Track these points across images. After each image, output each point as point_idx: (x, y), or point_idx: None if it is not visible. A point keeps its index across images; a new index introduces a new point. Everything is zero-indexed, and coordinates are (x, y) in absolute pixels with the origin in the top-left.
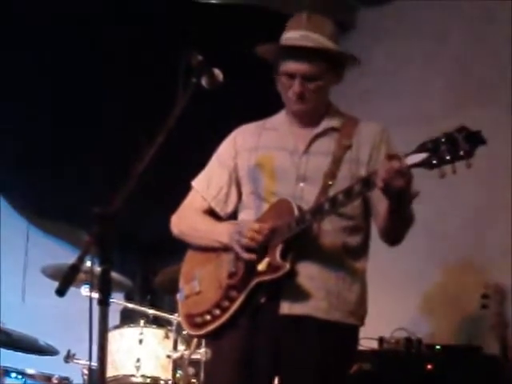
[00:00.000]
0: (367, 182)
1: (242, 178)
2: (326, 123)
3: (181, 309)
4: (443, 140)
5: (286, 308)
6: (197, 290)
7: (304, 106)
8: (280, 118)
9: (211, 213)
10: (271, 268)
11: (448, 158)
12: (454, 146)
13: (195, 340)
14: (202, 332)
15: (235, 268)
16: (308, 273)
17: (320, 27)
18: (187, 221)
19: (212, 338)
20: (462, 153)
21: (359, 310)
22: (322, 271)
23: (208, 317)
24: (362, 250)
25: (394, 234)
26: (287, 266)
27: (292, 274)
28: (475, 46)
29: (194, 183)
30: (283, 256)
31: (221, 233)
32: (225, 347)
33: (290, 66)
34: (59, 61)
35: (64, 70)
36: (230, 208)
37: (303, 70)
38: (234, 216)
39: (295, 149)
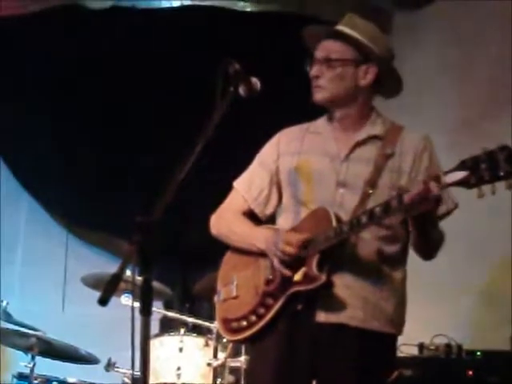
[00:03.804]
0: (400, 200)
1: (283, 182)
2: (368, 130)
3: (218, 312)
4: (484, 159)
5: (323, 316)
6: (234, 295)
7: (319, 95)
8: (323, 122)
9: (251, 214)
10: (307, 278)
11: (487, 178)
12: (495, 166)
13: (230, 345)
14: (238, 337)
15: (272, 275)
16: (344, 282)
17: (358, 27)
18: (225, 222)
19: (249, 344)
20: (502, 173)
21: (397, 320)
22: (358, 280)
23: (244, 323)
24: (399, 259)
25: (423, 251)
26: (323, 277)
27: (328, 285)
28: None
29: (236, 183)
30: (320, 266)
31: (258, 238)
32: (262, 354)
33: (315, 52)
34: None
35: (108, 82)
36: (269, 210)
37: (325, 50)
38: (273, 218)
39: (337, 154)
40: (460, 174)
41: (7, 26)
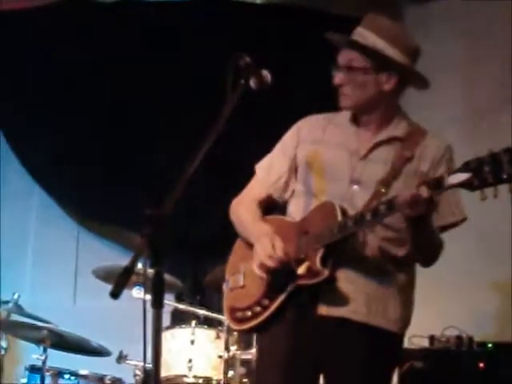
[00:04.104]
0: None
1: (299, 169)
2: (390, 130)
3: (225, 300)
4: (487, 161)
5: (324, 310)
6: (241, 284)
7: (345, 103)
8: (347, 116)
9: (271, 200)
10: (310, 273)
11: (490, 180)
12: (498, 169)
13: (236, 334)
14: (243, 327)
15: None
16: (348, 277)
17: (379, 28)
18: (238, 208)
19: (254, 334)
20: (505, 176)
21: (401, 320)
22: (362, 277)
23: (249, 313)
24: (406, 262)
25: (418, 256)
26: (326, 272)
27: (331, 280)
28: None
29: (257, 167)
30: (323, 261)
31: (253, 232)
32: (267, 345)
33: (338, 57)
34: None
35: (118, 72)
36: (288, 195)
37: (345, 59)
38: None
39: (356, 151)
40: (463, 176)
41: (10, 20)
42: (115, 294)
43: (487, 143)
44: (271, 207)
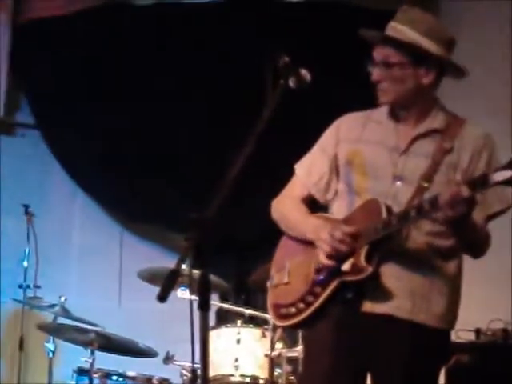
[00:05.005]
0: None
1: (340, 168)
2: (429, 123)
3: (269, 297)
4: None
5: (369, 306)
6: (285, 281)
7: (384, 99)
8: (385, 112)
9: (311, 199)
10: (355, 269)
11: None
12: None
13: (279, 330)
14: (286, 323)
15: (321, 265)
16: (393, 273)
17: (412, 21)
18: (283, 208)
19: (298, 330)
20: None
21: (448, 315)
22: (407, 272)
23: (293, 309)
24: (453, 254)
25: (466, 252)
26: (370, 269)
27: (375, 276)
28: None
29: (297, 168)
30: (369, 257)
31: (308, 228)
32: (313, 341)
33: (373, 53)
34: None
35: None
36: (330, 196)
37: (381, 55)
38: None
39: (396, 146)
40: (508, 173)
41: (48, 27)
42: (162, 298)
43: None
44: (311, 207)
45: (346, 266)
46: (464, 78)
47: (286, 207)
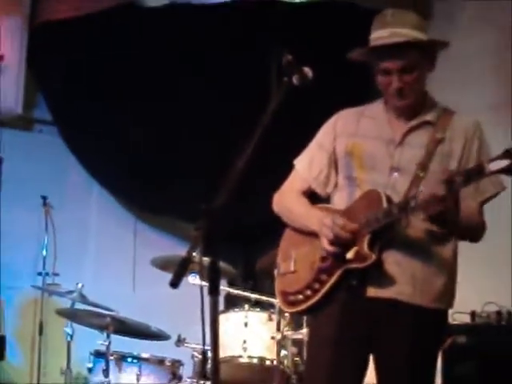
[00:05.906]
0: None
1: (339, 162)
2: (422, 115)
3: (277, 284)
4: None
5: (372, 291)
6: (292, 269)
7: (406, 101)
8: (378, 107)
9: (311, 193)
10: (359, 257)
11: None
12: None
13: (288, 316)
14: (295, 310)
15: (326, 253)
16: (394, 259)
17: (406, 21)
18: (285, 201)
19: (306, 315)
20: None
21: (446, 296)
22: (408, 258)
23: (300, 296)
24: (449, 238)
25: (462, 239)
26: (373, 256)
27: (378, 263)
28: None
29: (297, 163)
30: (371, 245)
31: (311, 219)
32: (319, 322)
33: (385, 64)
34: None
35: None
36: (330, 189)
37: (398, 65)
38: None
39: (391, 139)
40: (503, 163)
41: (64, 28)
42: (174, 284)
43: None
44: (311, 200)
45: (350, 255)
46: (447, 47)
47: (288, 200)
